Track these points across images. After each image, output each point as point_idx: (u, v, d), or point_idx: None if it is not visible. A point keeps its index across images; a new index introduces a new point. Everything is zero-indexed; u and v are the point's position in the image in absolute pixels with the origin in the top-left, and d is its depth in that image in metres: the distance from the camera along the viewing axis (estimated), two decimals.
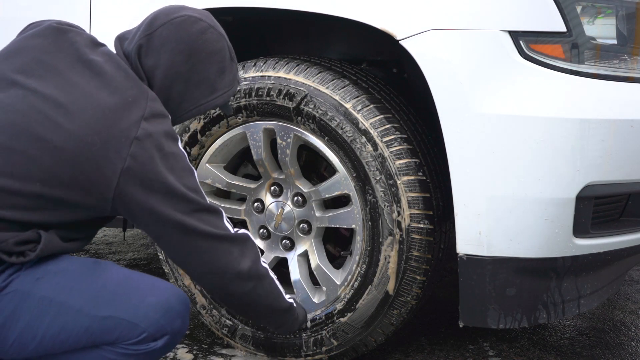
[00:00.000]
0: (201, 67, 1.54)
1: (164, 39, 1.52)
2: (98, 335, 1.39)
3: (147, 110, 1.42)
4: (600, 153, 1.61)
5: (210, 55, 1.55)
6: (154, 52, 1.51)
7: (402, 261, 1.79)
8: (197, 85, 1.55)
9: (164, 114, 1.47)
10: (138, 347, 1.41)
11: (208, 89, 1.57)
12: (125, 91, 1.43)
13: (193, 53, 1.53)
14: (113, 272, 1.45)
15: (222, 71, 1.58)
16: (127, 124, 1.38)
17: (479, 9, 1.63)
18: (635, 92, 1.67)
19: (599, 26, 1.71)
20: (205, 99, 1.58)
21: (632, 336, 2.32)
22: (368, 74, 1.90)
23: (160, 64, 1.51)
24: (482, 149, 1.61)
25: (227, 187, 2.03)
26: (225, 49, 1.59)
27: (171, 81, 1.52)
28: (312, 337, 1.95)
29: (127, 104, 1.41)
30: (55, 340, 1.38)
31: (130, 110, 1.40)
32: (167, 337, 1.42)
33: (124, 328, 1.39)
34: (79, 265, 1.44)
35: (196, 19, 1.56)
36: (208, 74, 1.56)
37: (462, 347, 2.20)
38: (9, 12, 2.27)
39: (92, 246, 3.34)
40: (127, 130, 1.37)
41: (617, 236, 1.76)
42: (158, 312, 1.41)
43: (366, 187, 1.80)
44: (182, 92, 1.54)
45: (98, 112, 1.38)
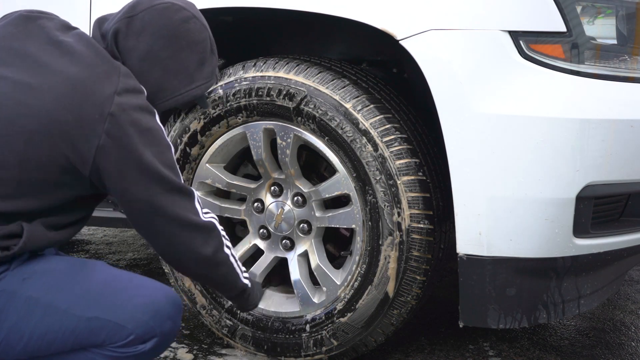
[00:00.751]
0: (181, 55, 1.53)
1: (145, 23, 1.50)
2: (84, 336, 1.37)
3: (120, 84, 1.39)
4: (600, 153, 1.61)
5: (192, 45, 1.54)
6: (134, 35, 1.49)
7: (402, 261, 1.79)
8: (175, 73, 1.54)
9: (138, 89, 1.44)
10: (126, 350, 1.38)
11: (187, 79, 1.56)
12: (96, 67, 1.40)
13: (174, 40, 1.51)
14: (101, 272, 1.43)
15: (202, 62, 1.57)
16: (100, 99, 1.36)
17: (479, 9, 1.63)
18: (635, 92, 1.67)
19: (599, 26, 1.71)
20: (184, 88, 1.56)
21: (632, 336, 2.32)
22: (368, 74, 1.90)
23: (139, 47, 1.49)
24: (482, 149, 1.61)
25: (227, 187, 2.03)
26: (207, 40, 1.58)
27: (149, 66, 1.50)
28: (312, 337, 1.95)
29: (99, 79, 1.38)
30: (42, 341, 1.36)
31: (102, 84, 1.37)
32: (156, 339, 1.40)
33: (111, 330, 1.36)
34: (67, 265, 1.42)
35: (180, 7, 1.55)
36: (188, 63, 1.55)
37: (462, 347, 2.20)
38: (7, 11, 2.27)
39: (92, 246, 3.34)
40: (100, 106, 1.35)
41: (617, 236, 1.76)
42: (146, 313, 1.38)
43: (366, 187, 1.80)
44: (159, 79, 1.52)
45: (68, 87, 1.36)
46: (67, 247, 3.26)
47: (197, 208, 1.49)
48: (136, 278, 1.46)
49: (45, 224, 1.41)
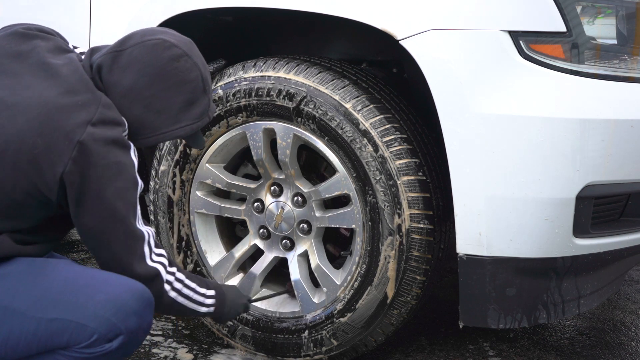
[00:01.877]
0: (165, 94, 1.46)
1: (132, 59, 1.44)
2: (47, 339, 1.33)
3: (97, 115, 1.36)
4: (600, 153, 1.61)
5: (179, 84, 1.47)
6: (118, 70, 1.44)
7: (402, 261, 1.79)
8: (158, 112, 1.47)
9: (116, 121, 1.40)
10: (92, 350, 1.35)
11: (170, 119, 1.48)
12: (76, 94, 1.38)
13: (159, 79, 1.45)
14: (62, 271, 1.40)
15: (190, 103, 1.49)
16: (72, 126, 1.33)
17: (479, 9, 1.63)
18: (635, 92, 1.67)
19: (599, 26, 1.71)
20: (167, 128, 1.49)
21: (632, 336, 2.32)
22: (368, 74, 1.90)
23: (121, 83, 1.44)
24: (482, 149, 1.61)
25: (227, 187, 2.03)
26: (199, 79, 1.50)
27: (130, 102, 1.44)
28: (312, 337, 1.95)
29: (76, 107, 1.35)
30: (7, 347, 1.34)
31: (78, 112, 1.35)
32: (122, 336, 1.35)
33: (73, 330, 1.33)
34: (26, 266, 1.39)
35: (171, 45, 1.47)
36: (172, 103, 1.47)
37: (462, 347, 2.20)
38: (8, 12, 2.27)
39: None
40: (71, 133, 1.32)
41: (617, 236, 1.76)
42: (108, 310, 1.34)
43: (366, 187, 1.80)
44: (140, 116, 1.46)
45: (43, 112, 1.34)
46: (67, 247, 3.26)
47: (145, 251, 1.45)
48: (100, 274, 1.41)
49: (14, 238, 1.39)
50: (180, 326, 2.29)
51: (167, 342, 2.16)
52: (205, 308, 1.61)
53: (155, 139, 1.50)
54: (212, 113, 1.59)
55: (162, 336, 2.20)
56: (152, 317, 1.44)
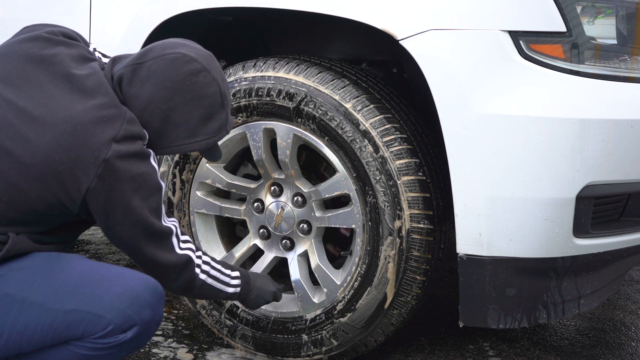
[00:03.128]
0: (184, 108, 1.48)
1: (151, 72, 1.46)
2: (63, 330, 1.36)
3: (122, 132, 1.38)
4: (600, 153, 1.61)
5: (197, 99, 1.48)
6: (138, 83, 1.46)
7: (402, 261, 1.79)
8: (175, 125, 1.49)
9: (139, 136, 1.43)
10: (107, 340, 1.38)
11: (187, 132, 1.50)
12: (102, 109, 1.39)
13: (177, 93, 1.46)
14: (77, 265, 1.43)
15: (207, 117, 1.51)
16: (98, 143, 1.35)
17: (479, 9, 1.63)
18: (635, 92, 1.67)
19: (599, 26, 1.71)
20: (183, 141, 1.51)
21: (632, 336, 2.33)
22: (368, 74, 1.90)
23: (141, 96, 1.46)
24: (482, 149, 1.61)
25: (227, 187, 2.03)
26: (217, 94, 1.51)
27: (149, 115, 1.47)
28: (312, 337, 1.95)
29: (101, 123, 1.38)
30: (22, 338, 1.36)
31: (103, 129, 1.37)
32: (137, 327, 1.39)
33: (89, 321, 1.36)
34: (42, 260, 1.42)
35: (191, 59, 1.48)
36: (189, 117, 1.49)
37: (462, 347, 2.20)
38: (8, 12, 2.27)
39: (92, 246, 3.34)
40: (96, 151, 1.35)
41: (617, 236, 1.76)
42: (124, 301, 1.38)
43: (366, 187, 1.80)
44: (158, 129, 1.48)
45: (69, 128, 1.36)
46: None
47: (174, 243, 1.52)
48: (114, 268, 1.46)
49: (32, 238, 1.42)
50: (180, 326, 2.29)
51: (167, 342, 2.16)
52: (231, 289, 1.68)
53: (172, 151, 1.54)
54: (230, 127, 1.60)
55: (162, 336, 2.20)
56: (163, 310, 1.48)
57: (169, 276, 1.53)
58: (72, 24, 1.60)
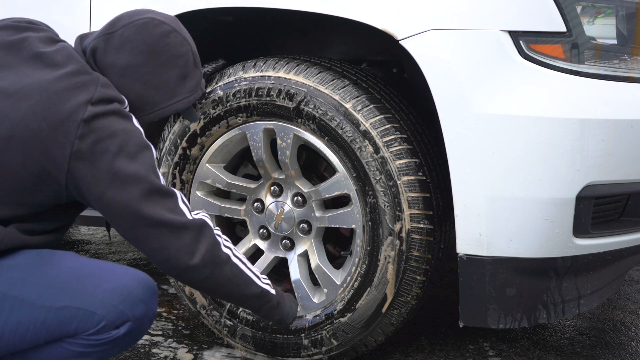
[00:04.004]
0: (161, 70, 1.52)
1: (124, 39, 1.50)
2: (56, 327, 1.36)
3: (97, 94, 1.39)
4: (600, 153, 1.61)
5: (172, 59, 1.53)
6: (113, 51, 1.49)
7: (402, 261, 1.79)
8: (156, 88, 1.53)
9: (116, 99, 1.43)
10: (100, 337, 1.37)
11: (168, 93, 1.54)
12: (74, 77, 1.41)
13: (154, 55, 1.50)
14: (69, 261, 1.42)
15: (184, 76, 1.56)
16: (74, 106, 1.36)
17: (479, 9, 1.63)
18: (635, 92, 1.67)
19: (599, 26, 1.71)
20: (165, 103, 1.55)
21: (632, 336, 2.33)
22: (368, 74, 1.90)
23: (118, 63, 1.49)
24: (482, 149, 1.61)
25: (227, 187, 2.03)
26: (189, 54, 1.57)
27: (129, 81, 1.49)
28: (312, 337, 1.95)
29: (75, 88, 1.38)
30: (15, 336, 1.36)
31: (77, 94, 1.38)
32: (129, 323, 1.38)
33: (81, 317, 1.35)
34: (33, 257, 1.41)
35: (160, 22, 1.54)
36: (168, 78, 1.53)
37: (462, 347, 2.20)
38: (8, 12, 2.26)
39: (92, 246, 3.34)
40: (74, 114, 1.35)
41: (617, 236, 1.76)
42: (116, 297, 1.37)
43: (366, 188, 1.80)
44: (140, 93, 1.51)
45: (44, 97, 1.36)
46: (67, 247, 3.26)
47: (182, 208, 1.43)
48: (105, 264, 1.44)
49: (20, 228, 1.40)
50: (180, 326, 2.29)
51: (167, 342, 2.16)
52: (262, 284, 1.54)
53: (157, 114, 1.55)
54: (204, 86, 1.66)
55: (162, 336, 2.20)
56: (156, 306, 1.46)
57: (186, 243, 1.40)
58: (72, 24, 1.61)
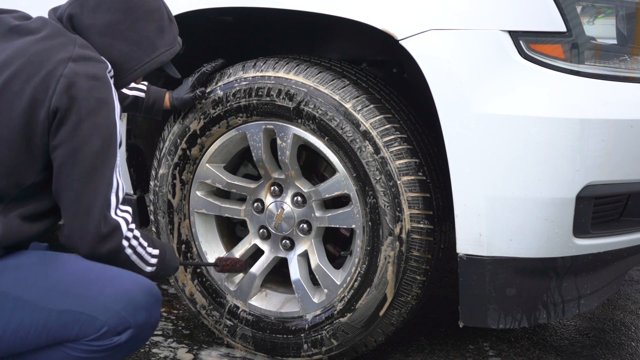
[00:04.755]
0: (140, 25, 1.54)
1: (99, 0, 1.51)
2: (57, 330, 1.35)
3: (75, 52, 1.41)
4: (600, 153, 1.61)
5: (148, 14, 1.55)
6: (89, 13, 1.50)
7: (402, 261, 1.79)
8: (137, 44, 1.54)
9: (96, 59, 1.45)
10: (101, 343, 1.36)
11: (150, 47, 1.57)
12: (52, 38, 1.43)
13: (130, 11, 1.52)
14: (73, 265, 1.41)
15: (161, 30, 1.58)
16: (54, 64, 1.38)
17: (479, 9, 1.63)
18: (635, 92, 1.67)
19: (599, 26, 1.71)
20: (149, 57, 1.57)
21: (632, 336, 2.32)
22: (368, 74, 1.90)
23: (97, 24, 1.50)
24: (482, 149, 1.61)
25: (227, 187, 2.03)
26: (162, 8, 1.60)
27: (111, 39, 1.51)
28: (312, 337, 1.95)
29: (54, 48, 1.41)
30: (16, 337, 1.35)
31: (57, 52, 1.40)
32: (131, 330, 1.37)
33: (83, 322, 1.35)
34: (38, 258, 1.41)
35: None
36: (147, 32, 1.56)
37: (462, 347, 2.20)
38: None
39: None
40: (54, 70, 1.37)
41: (617, 236, 1.76)
42: (118, 303, 1.36)
43: (366, 188, 1.80)
44: (123, 50, 1.53)
45: (24, 60, 1.38)
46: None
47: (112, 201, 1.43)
48: (109, 269, 1.43)
49: (21, 215, 1.40)
50: (180, 326, 2.29)
51: (167, 342, 2.16)
52: (149, 267, 1.55)
53: (142, 70, 1.57)
54: (179, 40, 1.67)
55: (162, 336, 2.20)
56: (159, 313, 1.45)
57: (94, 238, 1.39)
58: None
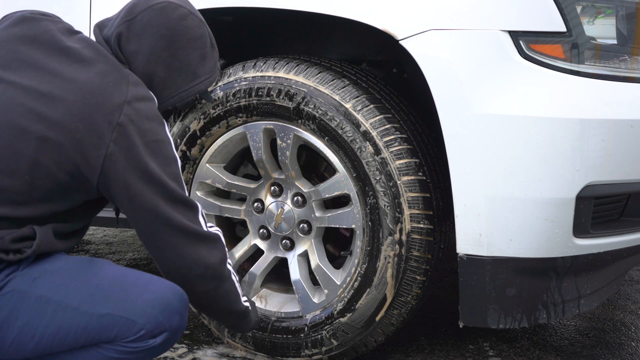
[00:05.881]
0: (183, 52, 1.56)
1: (145, 24, 1.52)
2: (96, 333, 1.38)
3: (130, 94, 1.42)
4: (600, 153, 1.61)
5: (192, 41, 1.57)
6: (135, 38, 1.52)
7: (402, 261, 1.79)
8: (179, 71, 1.56)
9: (148, 97, 1.46)
10: (137, 345, 1.40)
11: (190, 75, 1.59)
12: (106, 75, 1.43)
13: (174, 39, 1.54)
14: (109, 270, 1.45)
15: (203, 57, 1.60)
16: (110, 108, 1.38)
17: (479, 9, 1.63)
18: (635, 92, 1.67)
19: (599, 26, 1.71)
20: (188, 85, 1.59)
21: (632, 336, 2.32)
22: (368, 74, 1.90)
23: (142, 50, 1.52)
24: (482, 149, 1.61)
25: (227, 187, 2.03)
26: (206, 35, 1.61)
27: (153, 66, 1.53)
28: (312, 337, 1.95)
29: (109, 87, 1.41)
30: (54, 340, 1.38)
31: (112, 93, 1.40)
32: (166, 333, 1.41)
33: (122, 325, 1.38)
34: (75, 264, 1.44)
35: (177, 5, 1.57)
36: (190, 60, 1.57)
37: (462, 347, 2.20)
38: (8, 12, 2.26)
39: (92, 246, 3.34)
40: (109, 115, 1.38)
41: (617, 236, 1.76)
42: (156, 308, 1.40)
43: (366, 188, 1.80)
44: (164, 78, 1.55)
45: (79, 97, 1.39)
46: None
47: (201, 221, 1.51)
48: (144, 275, 1.47)
49: (55, 229, 1.43)
50: None
51: None
52: (244, 301, 1.64)
53: (180, 97, 1.60)
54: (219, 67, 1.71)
55: None
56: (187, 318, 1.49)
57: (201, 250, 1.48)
58: (72, 24, 1.60)
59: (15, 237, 1.36)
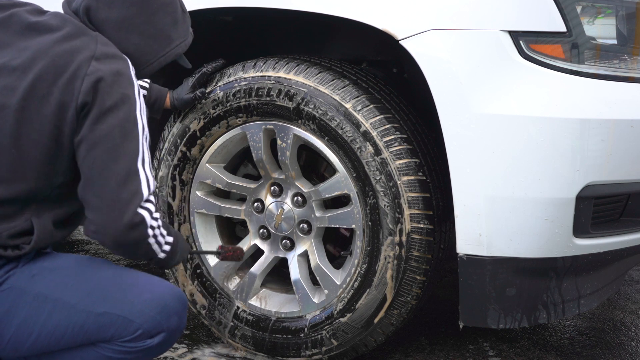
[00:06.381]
0: (155, 18, 1.55)
1: None
2: (93, 332, 1.38)
3: (98, 51, 1.42)
4: (600, 153, 1.61)
5: (163, 7, 1.57)
6: (105, 7, 1.51)
7: (402, 261, 1.79)
8: (153, 37, 1.56)
9: (117, 56, 1.46)
10: (134, 345, 1.40)
11: (165, 40, 1.58)
12: (73, 38, 1.43)
13: (144, 5, 1.53)
14: (108, 269, 1.45)
15: (175, 21, 1.60)
16: (78, 64, 1.39)
17: (479, 9, 1.63)
18: (635, 92, 1.67)
19: (599, 26, 1.71)
20: (164, 50, 1.59)
21: (632, 336, 2.33)
22: (368, 74, 1.90)
23: (112, 17, 1.51)
24: (482, 149, 1.61)
25: (227, 187, 2.03)
26: (176, 1, 1.61)
27: (126, 33, 1.52)
28: (312, 337, 1.95)
29: (76, 48, 1.41)
30: (52, 337, 1.38)
31: (80, 53, 1.40)
32: (164, 334, 1.42)
33: (120, 324, 1.38)
34: (74, 262, 1.44)
35: None
36: (162, 26, 1.57)
37: (462, 347, 2.20)
38: None
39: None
40: (78, 70, 1.38)
41: (617, 236, 1.76)
42: (154, 308, 1.40)
43: (366, 188, 1.80)
44: (139, 44, 1.54)
45: (48, 61, 1.39)
46: (67, 247, 3.26)
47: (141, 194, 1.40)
48: (142, 275, 1.48)
49: (53, 218, 1.42)
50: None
51: None
52: (162, 254, 1.51)
53: (158, 63, 1.59)
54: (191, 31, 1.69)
55: None
56: (186, 319, 1.49)
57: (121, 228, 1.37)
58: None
59: (12, 233, 1.37)
